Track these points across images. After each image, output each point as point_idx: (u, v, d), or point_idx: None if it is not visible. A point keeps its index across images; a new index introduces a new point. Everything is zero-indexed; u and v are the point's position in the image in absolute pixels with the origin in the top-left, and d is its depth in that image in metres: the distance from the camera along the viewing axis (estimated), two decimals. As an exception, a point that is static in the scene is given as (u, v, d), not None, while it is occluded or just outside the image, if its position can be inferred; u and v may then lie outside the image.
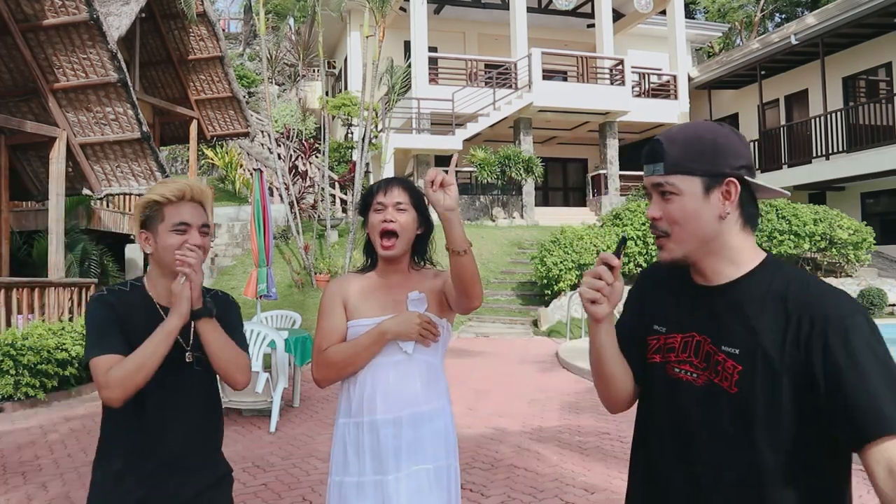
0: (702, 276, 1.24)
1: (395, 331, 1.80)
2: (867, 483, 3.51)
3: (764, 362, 1.13)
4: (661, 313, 1.31)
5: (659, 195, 1.21)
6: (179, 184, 1.74)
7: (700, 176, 1.17)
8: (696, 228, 1.18)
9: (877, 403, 1.02)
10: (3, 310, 7.55)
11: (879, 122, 15.25)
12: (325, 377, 1.87)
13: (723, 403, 1.16)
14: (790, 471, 1.12)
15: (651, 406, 1.31)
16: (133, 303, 1.71)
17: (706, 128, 1.22)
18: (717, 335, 1.19)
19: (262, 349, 5.56)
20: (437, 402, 1.89)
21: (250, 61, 27.19)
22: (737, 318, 1.17)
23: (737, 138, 1.21)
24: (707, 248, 1.20)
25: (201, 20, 12.85)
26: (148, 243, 1.73)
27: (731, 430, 1.15)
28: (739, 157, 1.19)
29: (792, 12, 29.02)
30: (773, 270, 1.19)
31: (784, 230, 12.59)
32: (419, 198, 1.93)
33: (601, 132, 19.04)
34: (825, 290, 1.14)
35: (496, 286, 12.78)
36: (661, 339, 1.28)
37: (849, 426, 1.04)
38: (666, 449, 1.25)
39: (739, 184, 1.18)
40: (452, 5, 19.49)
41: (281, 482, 4.11)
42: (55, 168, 8.57)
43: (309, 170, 17.91)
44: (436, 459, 1.84)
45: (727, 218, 1.18)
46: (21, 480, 4.27)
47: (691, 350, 1.23)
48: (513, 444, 4.88)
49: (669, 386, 1.25)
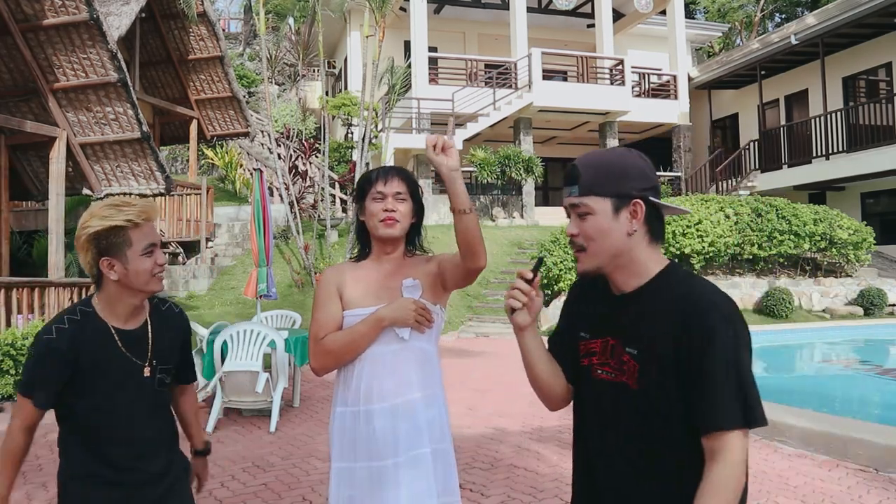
0: (615, 286, 1.40)
1: (392, 317, 1.83)
2: (867, 483, 3.49)
3: (656, 361, 1.28)
4: (585, 321, 1.46)
5: (576, 215, 1.36)
6: (139, 205, 1.71)
7: (610, 197, 1.32)
8: (608, 244, 1.34)
9: (716, 403, 1.22)
10: (3, 310, 7.54)
11: (879, 122, 15.25)
12: (323, 365, 1.91)
13: (629, 399, 1.32)
14: (688, 461, 1.26)
15: (581, 405, 1.47)
16: (84, 337, 1.70)
17: (616, 154, 1.38)
18: (623, 338, 1.35)
19: (262, 349, 5.56)
20: (431, 389, 1.93)
21: (250, 61, 27.19)
22: (639, 322, 1.33)
23: (643, 163, 1.37)
24: (617, 262, 1.36)
25: (201, 20, 12.87)
26: (112, 269, 1.68)
27: (637, 423, 1.32)
28: (645, 180, 1.35)
29: (792, 12, 29.02)
30: (669, 278, 1.35)
31: (784, 230, 12.58)
32: (416, 187, 1.98)
33: (601, 132, 19.04)
34: (704, 296, 1.29)
35: (496, 286, 12.77)
36: (587, 344, 1.43)
37: (696, 419, 1.24)
38: (595, 443, 1.41)
39: (645, 204, 1.33)
40: (452, 5, 19.48)
41: (281, 482, 4.11)
42: (55, 168, 8.57)
43: (309, 170, 17.91)
44: (432, 443, 1.89)
45: (634, 234, 1.34)
46: (21, 480, 4.26)
47: (608, 353, 1.38)
48: (513, 444, 4.88)
49: (593, 386, 1.41)
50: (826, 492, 3.80)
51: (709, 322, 1.24)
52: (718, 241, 12.20)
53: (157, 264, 1.72)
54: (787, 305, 11.89)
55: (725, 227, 12.35)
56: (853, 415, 6.02)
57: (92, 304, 1.75)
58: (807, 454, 4.49)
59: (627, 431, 1.33)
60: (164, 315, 1.86)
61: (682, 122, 19.87)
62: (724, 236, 12.30)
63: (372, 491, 1.83)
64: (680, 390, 1.26)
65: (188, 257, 13.12)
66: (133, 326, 1.77)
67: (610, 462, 1.37)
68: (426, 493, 1.83)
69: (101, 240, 1.66)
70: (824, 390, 7.83)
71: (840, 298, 12.83)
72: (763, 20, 29.28)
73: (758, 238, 12.53)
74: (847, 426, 4.66)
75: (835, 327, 11.46)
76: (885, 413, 6.70)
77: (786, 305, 11.88)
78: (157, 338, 1.80)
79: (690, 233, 12.09)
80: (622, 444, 1.34)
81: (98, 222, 1.65)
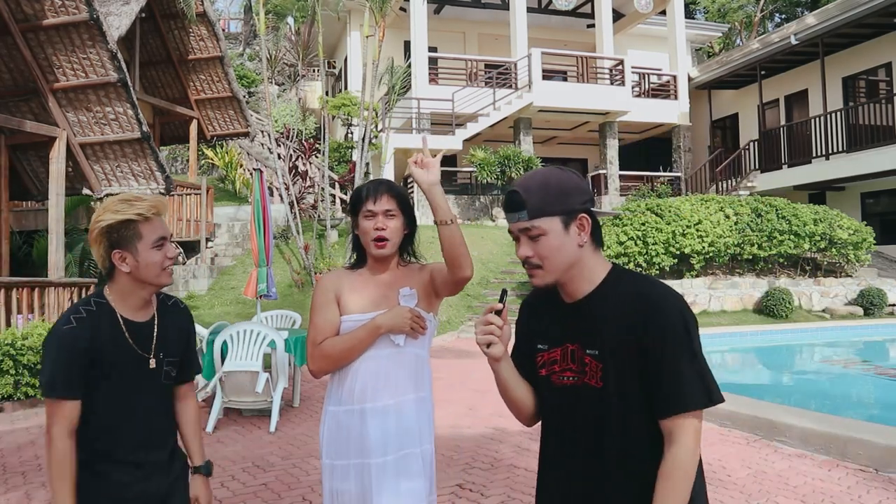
0: (567, 295, 1.48)
1: (389, 324, 1.92)
2: (867, 483, 3.49)
3: (615, 358, 1.38)
4: (541, 333, 1.54)
5: (527, 237, 1.43)
6: (149, 200, 1.76)
7: (559, 215, 1.41)
8: (563, 258, 1.42)
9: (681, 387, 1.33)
10: (3, 310, 7.54)
11: (879, 122, 15.25)
12: (321, 369, 2.00)
13: (594, 397, 1.41)
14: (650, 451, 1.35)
15: (546, 411, 1.55)
16: (100, 324, 1.74)
17: (551, 174, 1.45)
18: (582, 342, 1.43)
19: (262, 349, 5.56)
20: (423, 392, 2.02)
21: (250, 61, 27.18)
22: (594, 325, 1.42)
23: (577, 178, 1.46)
24: (570, 273, 1.44)
25: (201, 20, 12.86)
26: (124, 262, 1.74)
27: (603, 419, 1.40)
28: (584, 193, 1.44)
29: (792, 12, 29.02)
30: (617, 280, 1.45)
31: (784, 230, 12.58)
32: (406, 201, 2.04)
33: (601, 132, 19.04)
34: (655, 293, 1.39)
35: (496, 286, 12.76)
36: (546, 355, 1.51)
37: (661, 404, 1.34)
38: (564, 443, 1.48)
39: (589, 216, 1.43)
40: (452, 5, 19.48)
41: (281, 482, 4.12)
42: (55, 168, 8.57)
43: (309, 170, 17.90)
44: (421, 444, 1.98)
45: (585, 245, 1.43)
46: (21, 480, 4.27)
47: (569, 359, 1.46)
48: (513, 444, 4.88)
49: (557, 392, 1.49)
50: (826, 492, 3.80)
51: (664, 316, 1.35)
52: (718, 241, 12.20)
53: (166, 257, 1.78)
54: (786, 305, 11.88)
55: (725, 227, 12.35)
56: (853, 415, 6.02)
57: (105, 296, 1.80)
58: (807, 454, 4.49)
59: (595, 428, 1.41)
60: (169, 309, 1.92)
61: (682, 122, 19.87)
62: (724, 236, 12.30)
63: (363, 486, 1.91)
64: (640, 381, 1.36)
65: (188, 257, 13.12)
66: (142, 319, 1.83)
67: (575, 461, 1.45)
68: (416, 492, 1.93)
69: (113, 233, 1.72)
70: (824, 390, 7.83)
71: (840, 298, 12.83)
72: (763, 20, 29.28)
73: (758, 238, 12.53)
74: (847, 426, 4.66)
75: (835, 327, 11.45)
76: (884, 413, 6.70)
77: (786, 305, 11.88)
78: (163, 331, 1.85)
79: (690, 233, 12.09)
80: (590, 444, 1.42)
81: (110, 216, 1.72)
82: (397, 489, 1.90)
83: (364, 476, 1.91)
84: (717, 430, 5.14)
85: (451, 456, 4.58)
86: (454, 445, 4.83)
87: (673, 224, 12.12)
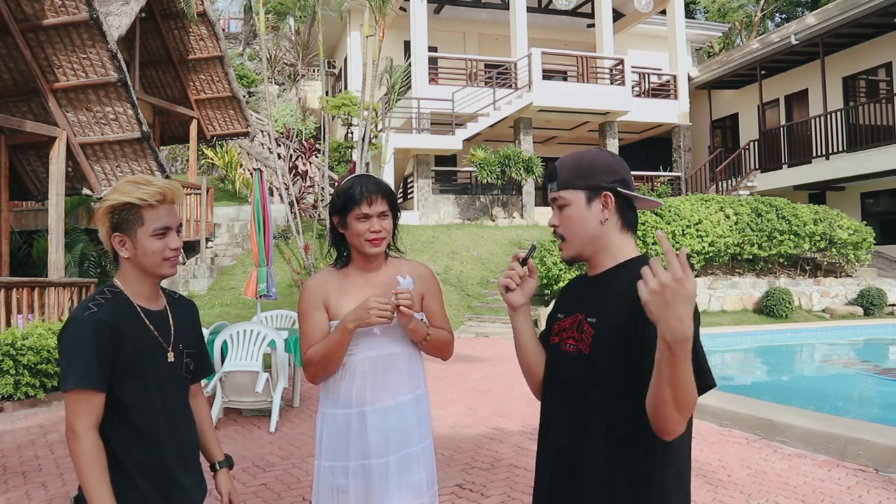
0: (591, 270, 1.56)
1: (355, 319, 1.87)
2: (867, 483, 3.49)
3: (609, 328, 1.42)
4: (562, 304, 1.63)
5: (557, 207, 1.53)
6: (157, 186, 1.68)
7: (583, 189, 1.48)
8: (582, 231, 1.49)
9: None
10: (3, 310, 7.54)
11: (879, 122, 15.25)
12: (315, 375, 2.00)
13: (583, 364, 1.45)
14: (633, 424, 1.36)
15: (549, 376, 1.59)
16: (120, 311, 1.66)
17: (590, 153, 1.53)
18: (587, 310, 1.50)
19: (262, 349, 5.56)
20: (419, 390, 2.04)
21: (250, 61, 27.17)
22: (604, 296, 1.47)
23: (612, 159, 1.52)
24: (593, 247, 1.51)
25: (201, 20, 12.85)
26: (123, 247, 1.68)
27: (590, 387, 1.43)
28: (613, 173, 1.49)
29: (792, 12, 29.02)
30: (639, 263, 1.42)
31: (784, 230, 12.58)
32: (394, 196, 2.04)
33: (601, 132, 19.04)
34: None
35: (496, 286, 12.76)
36: (560, 322, 1.58)
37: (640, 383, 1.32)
38: (559, 408, 1.52)
39: (614, 195, 1.48)
40: (452, 5, 19.47)
41: (281, 482, 4.12)
42: (55, 168, 8.57)
43: (309, 170, 17.89)
44: (419, 442, 2.00)
45: (607, 223, 1.49)
46: (21, 480, 4.27)
47: (574, 327, 1.52)
48: (513, 444, 4.88)
49: (560, 358, 1.54)
50: (826, 492, 3.80)
51: None
52: (718, 241, 12.20)
53: (169, 248, 1.69)
54: (786, 305, 11.88)
55: (725, 227, 12.35)
56: (853, 415, 6.02)
57: (117, 285, 1.73)
58: (807, 454, 4.49)
59: (584, 396, 1.45)
60: (177, 302, 1.86)
61: (682, 122, 19.87)
62: (724, 236, 12.29)
63: (367, 483, 1.91)
64: (626, 356, 1.36)
65: (188, 257, 13.12)
66: (156, 308, 1.76)
67: (564, 427, 1.49)
68: (417, 489, 1.95)
69: (115, 214, 1.66)
70: (824, 390, 7.83)
71: (840, 298, 12.83)
72: (763, 20, 29.28)
73: (758, 238, 12.52)
74: (847, 426, 4.65)
75: (834, 327, 11.45)
76: (884, 413, 6.69)
77: (786, 305, 11.87)
78: (177, 320, 1.79)
79: (690, 233, 12.09)
80: (581, 408, 1.45)
81: (115, 196, 1.66)
82: (400, 483, 1.93)
83: (367, 475, 1.92)
84: (717, 430, 5.14)
85: (451, 456, 4.58)
86: (454, 445, 4.83)
87: (673, 224, 12.12)
